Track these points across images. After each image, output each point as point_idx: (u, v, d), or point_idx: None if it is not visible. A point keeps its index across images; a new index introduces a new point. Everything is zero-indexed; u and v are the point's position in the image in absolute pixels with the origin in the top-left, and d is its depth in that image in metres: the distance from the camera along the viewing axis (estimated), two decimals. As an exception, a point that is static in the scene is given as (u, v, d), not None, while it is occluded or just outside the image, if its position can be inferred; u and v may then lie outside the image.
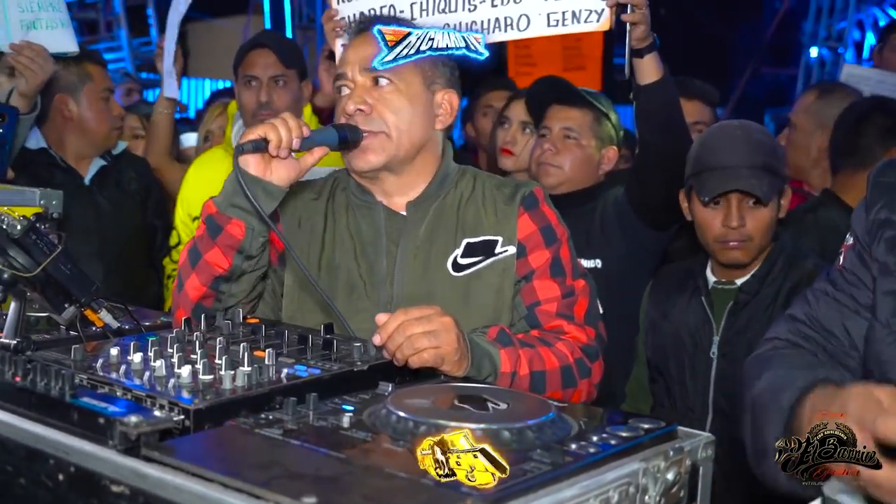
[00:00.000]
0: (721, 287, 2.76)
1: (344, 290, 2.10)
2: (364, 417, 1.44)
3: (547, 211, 2.14)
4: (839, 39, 9.62)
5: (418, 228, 2.12)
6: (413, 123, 2.10)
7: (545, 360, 1.94)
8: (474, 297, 2.06)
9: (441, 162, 2.18)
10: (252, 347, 1.71)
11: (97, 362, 1.62)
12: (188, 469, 1.21)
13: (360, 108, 2.07)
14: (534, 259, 2.08)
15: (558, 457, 1.28)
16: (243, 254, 1.98)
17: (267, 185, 1.96)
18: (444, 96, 2.16)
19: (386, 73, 2.08)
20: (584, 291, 2.11)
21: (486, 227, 2.10)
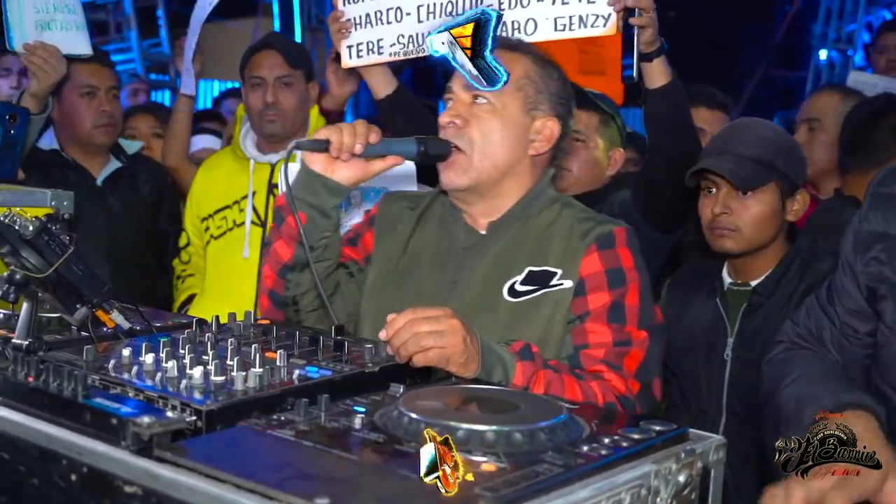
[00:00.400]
0: (736, 288, 2.76)
1: (409, 297, 2.13)
2: (376, 419, 1.44)
3: (622, 253, 2.05)
4: (848, 41, 9.59)
5: (490, 249, 2.12)
6: (499, 146, 2.08)
7: (566, 389, 1.87)
8: (521, 326, 2.04)
9: (531, 188, 2.15)
10: (264, 349, 1.72)
11: (109, 363, 1.63)
12: (201, 470, 1.22)
13: (453, 121, 2.09)
14: (592, 300, 2.01)
15: (570, 459, 1.28)
16: (303, 245, 2.04)
17: (328, 182, 2.05)
18: (544, 123, 2.12)
19: (486, 92, 2.06)
20: (644, 344, 2.01)
21: (551, 258, 2.07)
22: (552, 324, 2.05)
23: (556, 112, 2.14)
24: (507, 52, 2.11)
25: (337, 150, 2.02)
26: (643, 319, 2.03)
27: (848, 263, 1.72)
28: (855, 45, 9.50)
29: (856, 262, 1.69)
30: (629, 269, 2.04)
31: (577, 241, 2.07)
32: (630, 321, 2.01)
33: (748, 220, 2.67)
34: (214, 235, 3.54)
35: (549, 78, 2.13)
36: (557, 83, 2.15)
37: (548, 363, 1.92)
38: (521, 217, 2.14)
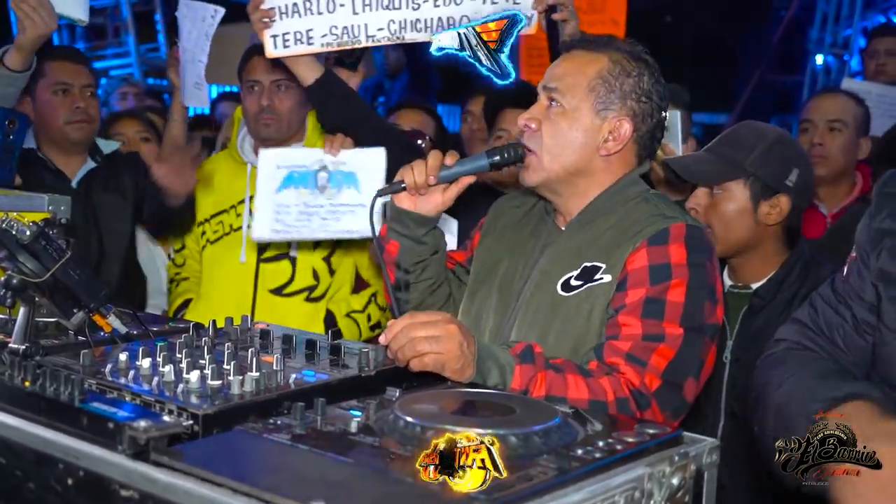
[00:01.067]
0: (736, 291, 2.76)
1: (491, 285, 2.26)
2: (372, 422, 1.45)
3: (673, 249, 2.03)
4: (845, 46, 9.59)
5: (564, 246, 2.16)
6: (566, 148, 2.13)
7: (569, 388, 1.87)
8: (564, 320, 2.07)
9: (608, 187, 2.17)
10: (260, 353, 1.73)
11: (106, 367, 1.64)
12: (197, 473, 1.22)
13: (528, 124, 2.16)
14: (631, 294, 2.00)
15: (564, 462, 1.28)
16: (401, 268, 2.31)
17: (412, 215, 2.25)
18: (615, 124, 2.13)
19: (556, 94, 2.14)
20: (678, 342, 1.97)
21: (602, 253, 2.09)
22: (591, 318, 2.05)
23: (629, 111, 2.14)
24: (584, 52, 2.17)
25: (413, 190, 2.22)
26: (686, 317, 1.99)
27: (863, 258, 1.71)
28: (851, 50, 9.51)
29: (869, 258, 1.70)
30: (677, 266, 2.02)
31: (629, 236, 2.07)
32: (669, 317, 1.98)
33: (715, 218, 2.70)
34: (211, 240, 3.54)
35: (624, 76, 2.13)
36: (635, 80, 2.14)
37: (550, 363, 1.91)
38: (599, 214, 2.16)
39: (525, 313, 2.13)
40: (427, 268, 2.32)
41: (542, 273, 2.15)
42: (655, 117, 2.17)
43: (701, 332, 2.01)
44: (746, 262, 2.75)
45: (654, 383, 1.93)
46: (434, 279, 2.34)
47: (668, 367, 1.95)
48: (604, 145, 2.13)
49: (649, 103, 2.15)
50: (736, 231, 2.69)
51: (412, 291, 2.33)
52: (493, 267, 2.29)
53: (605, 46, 2.17)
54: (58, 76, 3.56)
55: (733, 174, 2.67)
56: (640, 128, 2.15)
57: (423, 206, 2.25)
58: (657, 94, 2.17)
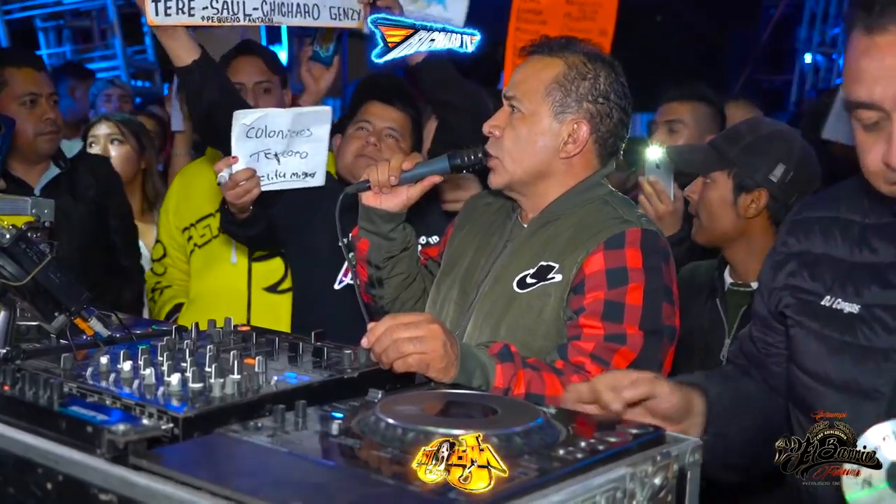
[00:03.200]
0: (737, 289, 2.76)
1: (455, 277, 2.31)
2: (353, 424, 1.44)
3: (630, 253, 2.07)
4: (833, 45, 9.65)
5: (523, 244, 2.20)
6: (526, 153, 2.17)
7: (546, 386, 1.90)
8: (516, 315, 2.11)
9: (571, 188, 2.19)
10: (242, 355, 1.72)
11: (87, 371, 1.63)
12: (176, 477, 1.22)
13: (492, 131, 2.22)
14: (589, 297, 2.04)
15: (546, 462, 1.28)
16: (372, 265, 2.41)
17: (378, 212, 2.36)
18: (572, 127, 2.16)
19: (515, 101, 2.19)
20: (638, 344, 2.01)
21: (558, 253, 2.12)
22: (541, 315, 2.08)
23: (586, 113, 2.16)
24: (541, 57, 2.21)
25: (377, 188, 2.33)
26: (645, 320, 2.03)
27: (764, 285, 1.85)
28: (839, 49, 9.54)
29: (770, 282, 1.82)
30: (633, 269, 2.05)
31: (585, 238, 2.10)
32: (628, 320, 2.02)
33: (702, 206, 2.75)
34: (199, 244, 3.52)
35: (580, 79, 2.16)
36: (591, 83, 2.16)
37: (527, 362, 1.93)
38: (559, 214, 2.19)
39: (482, 306, 2.18)
40: (398, 263, 2.42)
41: (502, 268, 2.19)
42: (615, 117, 2.20)
43: (659, 334, 2.05)
44: (740, 259, 2.75)
45: None
46: (406, 274, 2.44)
47: (629, 368, 1.97)
48: (564, 148, 2.17)
49: (606, 104, 2.18)
50: (718, 221, 2.72)
51: (385, 287, 2.43)
52: (457, 260, 2.34)
53: (561, 50, 2.20)
54: (24, 86, 3.44)
55: (719, 164, 2.70)
56: (599, 128, 2.18)
57: (388, 203, 2.35)
58: (615, 93, 2.19)
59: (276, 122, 2.77)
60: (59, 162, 3.59)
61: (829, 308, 1.70)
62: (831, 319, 1.69)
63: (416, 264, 2.47)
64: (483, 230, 2.35)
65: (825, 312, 1.70)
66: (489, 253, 2.27)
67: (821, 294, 1.72)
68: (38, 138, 3.46)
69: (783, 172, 2.65)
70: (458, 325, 2.20)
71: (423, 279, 2.50)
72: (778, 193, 2.65)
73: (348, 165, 3.09)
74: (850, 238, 1.73)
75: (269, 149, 2.78)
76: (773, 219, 2.69)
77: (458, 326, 2.20)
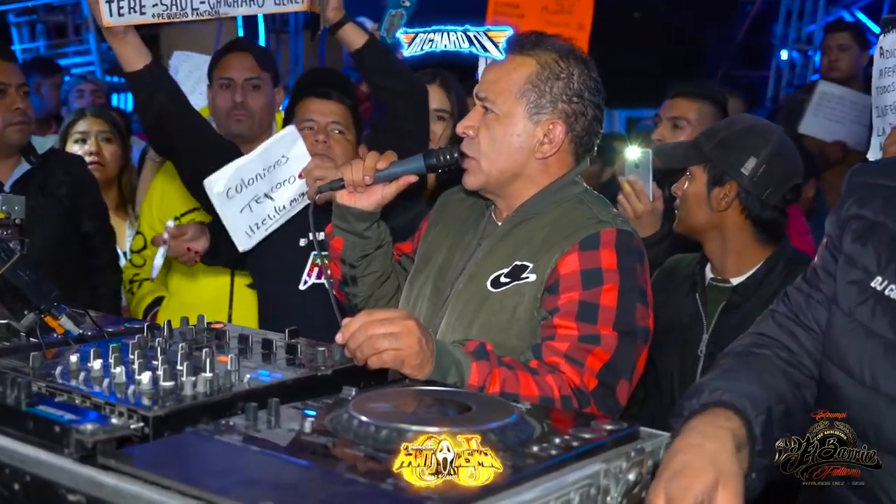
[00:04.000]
0: (717, 285, 2.77)
1: (428, 274, 2.30)
2: (326, 422, 1.43)
3: (605, 254, 2.05)
4: (809, 42, 9.67)
5: (497, 242, 2.19)
6: (502, 154, 2.15)
7: (521, 385, 1.88)
8: (490, 314, 2.10)
9: (545, 187, 2.18)
10: (215, 353, 1.70)
11: (56, 370, 1.60)
12: (145, 477, 1.20)
13: (466, 132, 2.20)
14: (563, 297, 2.03)
15: (519, 459, 1.27)
16: (346, 263, 2.39)
17: (353, 210, 2.33)
18: (547, 127, 2.14)
19: (489, 102, 2.16)
20: (612, 345, 1.99)
21: (533, 253, 2.11)
22: (515, 315, 2.07)
23: (561, 113, 2.15)
24: (516, 56, 2.18)
25: (351, 187, 2.30)
26: (619, 322, 2.02)
27: (833, 243, 1.71)
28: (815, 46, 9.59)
29: (841, 242, 1.70)
30: (608, 270, 2.04)
31: (560, 238, 2.09)
32: (602, 321, 2.01)
33: (682, 199, 2.78)
34: None
35: (554, 79, 2.14)
36: (565, 82, 2.14)
37: (502, 360, 1.92)
38: (534, 213, 2.18)
39: (455, 304, 2.16)
40: (372, 262, 2.40)
41: (476, 267, 2.18)
42: (589, 115, 2.19)
43: (633, 335, 2.04)
44: (716, 253, 2.75)
45: (591, 383, 1.96)
46: (380, 272, 2.42)
47: (603, 369, 1.98)
48: (539, 149, 2.15)
49: (581, 102, 2.16)
50: (693, 214, 2.75)
51: (360, 285, 2.41)
52: (431, 257, 2.33)
53: (533, 48, 2.17)
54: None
55: (695, 158, 2.73)
56: (575, 127, 2.17)
57: (363, 202, 2.32)
58: (589, 90, 2.17)
59: (248, 170, 2.80)
60: (30, 157, 3.53)
61: (880, 293, 1.57)
62: (883, 309, 1.56)
63: (390, 262, 2.46)
64: (457, 227, 2.34)
65: (875, 297, 1.57)
66: (463, 250, 2.26)
67: (872, 272, 1.60)
68: (8, 129, 3.40)
69: (755, 165, 2.65)
70: (431, 323, 2.18)
71: (398, 276, 2.48)
72: (750, 186, 2.66)
73: None
74: None
75: (256, 195, 2.81)
76: (747, 213, 2.69)
77: (432, 324, 2.18)
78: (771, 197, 2.70)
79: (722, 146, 2.70)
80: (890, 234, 1.61)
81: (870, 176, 1.72)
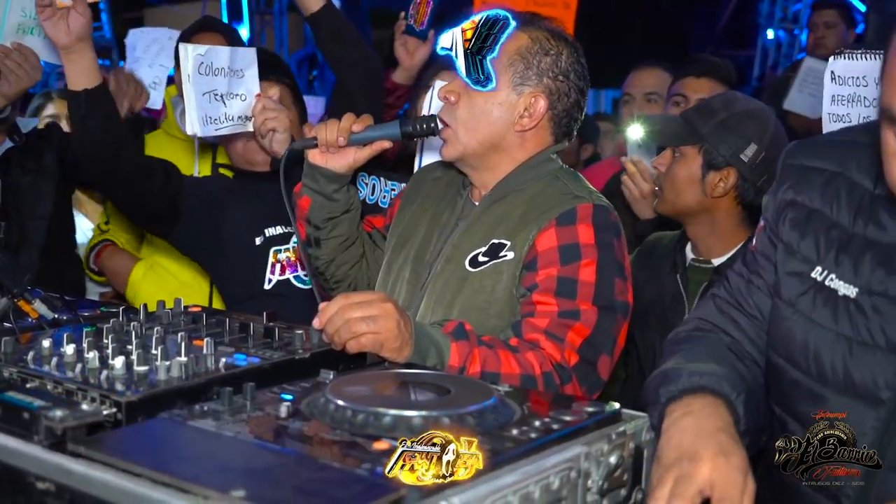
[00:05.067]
0: (698, 265, 2.74)
1: (406, 257, 2.27)
2: (302, 406, 1.40)
3: (581, 229, 2.04)
4: (795, 21, 9.65)
5: (475, 222, 2.16)
6: (481, 122, 2.12)
7: (502, 363, 1.87)
8: (470, 294, 2.07)
9: (522, 163, 2.16)
10: (191, 337, 1.67)
11: (28, 355, 1.57)
12: (115, 464, 1.18)
13: (447, 97, 2.16)
14: (542, 274, 2.01)
15: (498, 443, 1.25)
16: (311, 223, 2.33)
17: (323, 171, 2.28)
18: (529, 100, 2.12)
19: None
20: (592, 320, 1.98)
21: (510, 230, 2.09)
22: (494, 293, 2.06)
23: (545, 88, 2.13)
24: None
25: (323, 146, 2.25)
26: (598, 296, 2.00)
27: (772, 228, 1.68)
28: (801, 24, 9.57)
29: (777, 227, 1.67)
30: (586, 245, 2.03)
31: (537, 215, 2.07)
32: (582, 296, 1.99)
33: (667, 179, 2.70)
34: None
35: (542, 54, 2.12)
36: (553, 59, 2.12)
37: (482, 340, 1.90)
38: (510, 191, 2.15)
39: (434, 286, 2.14)
40: (338, 225, 2.35)
41: (454, 247, 2.16)
42: (573, 97, 2.17)
43: (613, 309, 2.02)
44: (702, 236, 2.72)
45: (572, 359, 1.94)
46: (345, 237, 2.37)
47: (584, 344, 1.96)
48: (519, 121, 2.13)
49: (566, 82, 2.14)
50: (683, 196, 2.67)
51: (322, 248, 2.36)
52: (409, 238, 2.30)
53: (526, 24, 2.16)
54: None
55: (689, 139, 2.65)
56: (556, 106, 2.15)
57: (334, 163, 2.28)
58: (575, 73, 2.16)
59: (218, 58, 2.68)
60: (14, 136, 3.50)
61: (820, 283, 1.56)
62: (824, 299, 1.55)
63: (356, 228, 2.40)
64: (433, 207, 2.31)
65: (815, 287, 1.56)
66: (440, 231, 2.24)
67: (812, 262, 1.58)
68: None
69: (755, 152, 2.60)
70: (410, 306, 2.16)
71: (363, 244, 2.43)
72: (748, 173, 2.61)
73: (241, 151, 2.97)
74: (854, 204, 1.56)
75: (216, 89, 2.68)
76: (740, 200, 2.65)
77: (411, 307, 2.16)
78: (766, 183, 2.64)
79: (721, 129, 2.61)
80: (828, 222, 1.58)
81: (805, 158, 1.66)
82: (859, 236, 1.53)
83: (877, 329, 1.48)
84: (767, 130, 2.65)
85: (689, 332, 1.75)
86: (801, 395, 1.55)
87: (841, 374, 1.51)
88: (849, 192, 1.57)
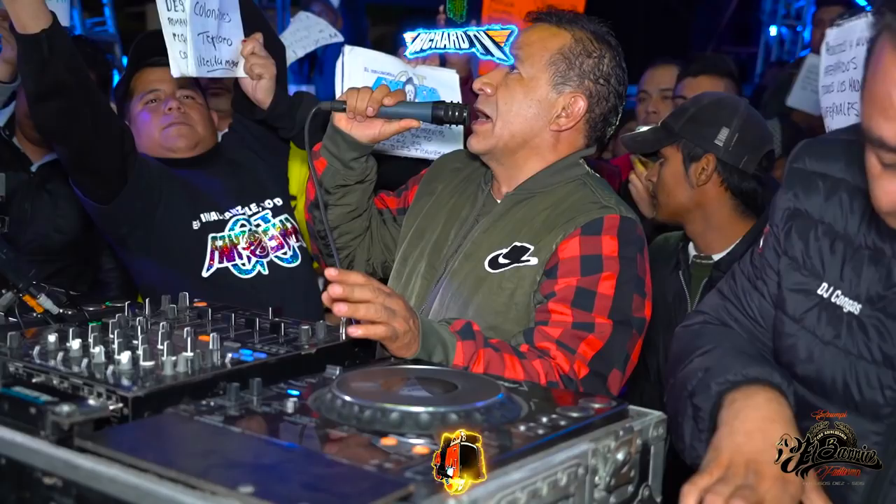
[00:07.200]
0: (700, 262, 2.77)
1: (423, 250, 2.25)
2: (309, 402, 1.40)
3: (606, 241, 2.02)
4: (798, 17, 9.63)
5: (498, 220, 2.14)
6: (518, 116, 2.12)
7: (506, 367, 1.86)
8: (487, 296, 2.06)
9: (551, 164, 2.15)
10: (197, 332, 1.67)
11: (34, 350, 1.57)
12: (122, 459, 1.17)
13: (483, 88, 2.16)
14: (561, 282, 1.99)
15: (506, 439, 1.25)
16: (322, 187, 2.28)
17: (346, 137, 2.25)
18: (570, 100, 2.12)
19: (517, 61, 2.14)
20: (606, 333, 1.97)
21: (533, 235, 2.07)
22: (513, 297, 2.04)
23: (586, 90, 2.13)
24: (550, 26, 2.16)
25: (351, 112, 2.22)
26: (615, 310, 1.99)
27: (776, 234, 1.67)
28: (804, 21, 9.55)
29: (780, 234, 1.66)
30: (609, 258, 2.01)
31: (563, 222, 2.05)
32: (598, 309, 1.97)
33: (659, 185, 2.78)
34: None
35: (585, 55, 2.12)
36: (595, 61, 2.13)
37: (489, 342, 1.89)
38: (536, 192, 2.14)
39: (450, 283, 2.12)
40: (349, 194, 2.32)
41: (473, 245, 2.14)
42: (611, 101, 2.17)
43: (628, 325, 2.01)
44: (699, 231, 2.75)
45: (581, 371, 1.93)
46: (354, 207, 2.34)
47: (595, 357, 1.95)
48: (556, 120, 2.13)
49: (606, 86, 2.15)
50: (674, 196, 2.74)
51: (329, 212, 2.33)
52: (425, 230, 2.28)
53: (570, 23, 2.16)
54: None
55: (667, 140, 2.74)
56: (594, 109, 2.15)
57: (359, 131, 2.25)
58: (616, 78, 2.16)
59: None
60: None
61: (826, 300, 1.55)
62: (829, 317, 1.55)
63: (367, 200, 2.37)
64: (452, 200, 2.29)
65: (821, 305, 1.56)
66: (459, 226, 2.21)
67: (818, 276, 1.57)
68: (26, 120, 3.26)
69: (728, 135, 2.68)
70: (424, 301, 2.15)
71: (371, 219, 2.40)
72: (726, 156, 2.68)
73: (158, 139, 2.85)
74: (859, 210, 1.53)
75: (208, 31, 2.60)
76: (727, 185, 2.71)
77: (425, 302, 2.15)
78: (748, 165, 2.70)
79: (692, 122, 2.71)
80: (833, 233, 1.57)
81: (810, 162, 1.64)
82: (863, 247, 1.53)
83: (874, 345, 1.49)
84: (737, 114, 2.73)
85: (701, 325, 1.75)
86: (804, 410, 1.55)
87: (841, 389, 1.52)
88: (853, 198, 1.55)
